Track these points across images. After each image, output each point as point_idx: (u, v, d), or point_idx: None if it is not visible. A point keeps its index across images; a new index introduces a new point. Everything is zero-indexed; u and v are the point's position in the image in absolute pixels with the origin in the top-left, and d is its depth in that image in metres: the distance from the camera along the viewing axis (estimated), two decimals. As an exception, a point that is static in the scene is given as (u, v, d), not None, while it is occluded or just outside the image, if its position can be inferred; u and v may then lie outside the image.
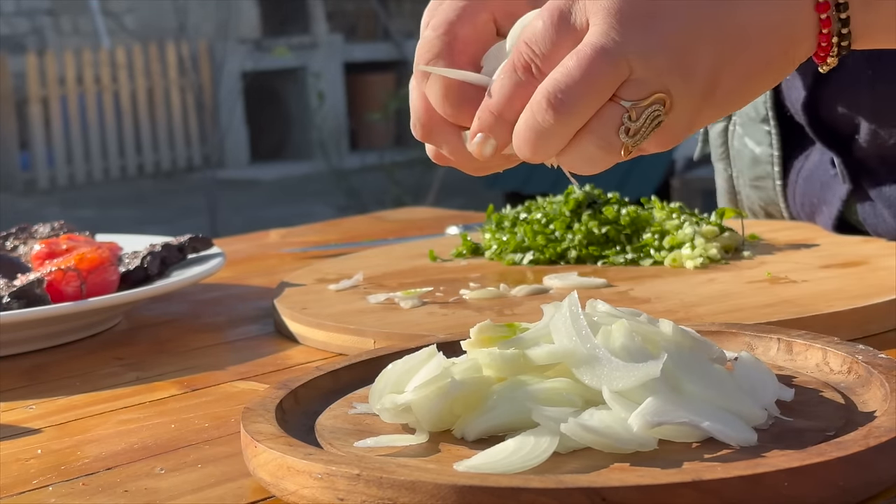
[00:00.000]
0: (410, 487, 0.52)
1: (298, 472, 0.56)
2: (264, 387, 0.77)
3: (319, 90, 9.40)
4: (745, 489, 0.51)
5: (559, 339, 0.60)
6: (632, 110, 0.61)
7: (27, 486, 0.63)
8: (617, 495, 0.50)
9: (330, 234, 1.41)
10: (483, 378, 0.61)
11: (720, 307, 0.86)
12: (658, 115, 0.61)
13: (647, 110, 0.61)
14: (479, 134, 0.64)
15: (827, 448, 0.53)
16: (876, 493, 0.54)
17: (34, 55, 9.18)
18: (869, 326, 0.82)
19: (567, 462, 0.56)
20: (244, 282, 1.14)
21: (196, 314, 1.03)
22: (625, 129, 0.61)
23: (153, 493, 0.61)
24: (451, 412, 0.60)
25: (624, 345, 0.59)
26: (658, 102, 0.61)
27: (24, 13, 9.67)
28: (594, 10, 0.61)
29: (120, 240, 1.07)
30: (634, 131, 0.61)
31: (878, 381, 0.63)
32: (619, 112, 0.61)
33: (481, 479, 0.52)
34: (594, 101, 0.61)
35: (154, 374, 0.84)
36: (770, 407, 0.60)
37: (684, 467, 0.53)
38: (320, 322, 0.88)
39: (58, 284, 0.93)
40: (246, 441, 0.60)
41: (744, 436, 0.56)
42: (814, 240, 1.06)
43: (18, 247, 1.08)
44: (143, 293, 0.94)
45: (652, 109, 0.61)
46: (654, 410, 0.56)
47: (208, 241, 1.06)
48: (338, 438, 0.61)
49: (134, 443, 0.69)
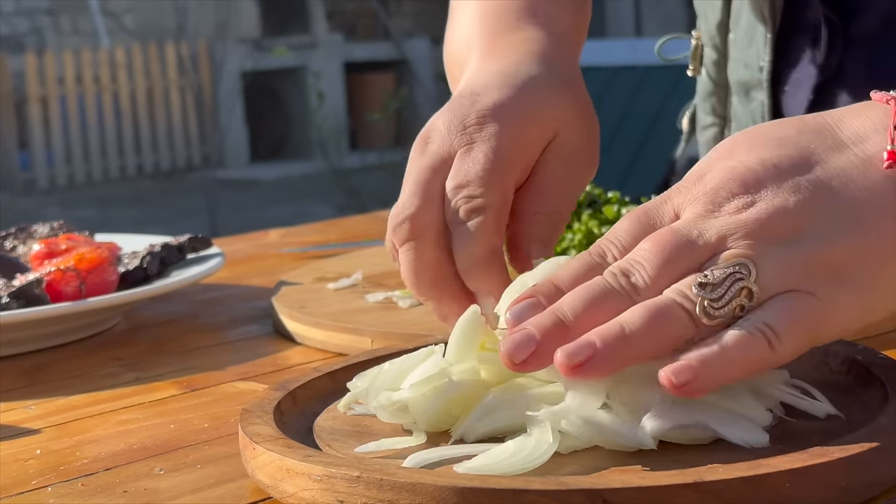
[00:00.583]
0: (411, 489, 0.52)
1: (298, 473, 0.55)
2: (264, 387, 0.77)
3: (319, 90, 9.41)
4: (747, 490, 0.51)
5: None
6: (712, 270, 0.56)
7: (26, 486, 0.63)
8: (618, 496, 0.50)
9: (330, 233, 1.41)
10: (481, 381, 0.61)
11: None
12: (743, 280, 0.56)
13: (729, 273, 0.56)
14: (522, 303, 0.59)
15: (828, 449, 0.53)
16: (878, 493, 0.54)
17: (33, 55, 9.18)
18: (868, 327, 0.82)
19: (568, 463, 0.56)
20: (244, 282, 1.14)
21: (195, 314, 1.03)
22: (699, 284, 0.56)
23: (152, 493, 0.61)
24: (448, 413, 0.60)
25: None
26: (741, 266, 0.56)
27: (23, 13, 9.67)
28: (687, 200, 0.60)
29: (119, 240, 1.07)
30: (711, 287, 0.56)
31: (878, 381, 0.63)
32: (695, 273, 0.57)
33: (482, 480, 0.52)
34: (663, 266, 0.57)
35: (153, 375, 0.84)
36: (775, 408, 0.59)
37: (685, 468, 0.53)
38: (318, 321, 0.88)
39: (57, 284, 0.92)
40: (244, 443, 0.60)
41: (755, 437, 0.56)
42: (814, 240, 1.06)
43: (17, 247, 1.08)
44: (142, 293, 0.94)
45: (735, 271, 0.56)
46: (664, 414, 0.56)
47: (208, 241, 1.06)
48: (336, 440, 0.61)
49: (133, 443, 0.69)
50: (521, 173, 0.73)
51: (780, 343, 0.55)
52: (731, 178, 0.59)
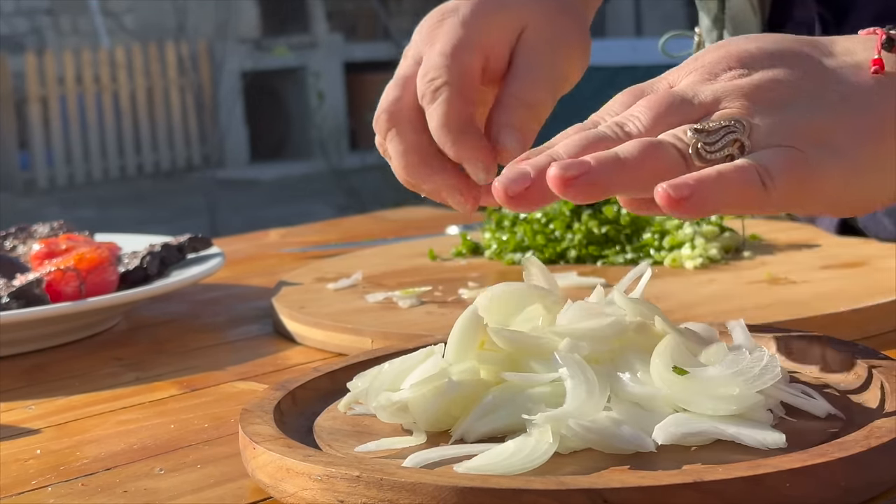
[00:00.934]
0: (411, 489, 0.52)
1: (298, 473, 0.55)
2: (264, 387, 0.77)
3: (319, 90, 9.40)
4: (747, 490, 0.51)
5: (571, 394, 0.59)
6: (705, 121, 0.59)
7: (26, 486, 0.63)
8: (618, 496, 0.50)
9: (330, 233, 1.41)
10: (480, 381, 0.61)
11: (720, 307, 0.85)
12: (737, 133, 0.59)
13: (725, 125, 0.59)
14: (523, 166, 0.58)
15: (828, 449, 0.53)
16: (877, 493, 0.54)
17: (33, 55, 9.17)
18: (869, 327, 0.82)
19: (568, 463, 0.56)
20: (244, 282, 1.14)
21: (195, 314, 1.03)
22: (694, 130, 0.58)
23: (152, 493, 0.61)
24: (448, 413, 0.60)
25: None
26: (736, 122, 0.59)
27: (23, 13, 9.67)
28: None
29: (119, 240, 1.07)
30: (706, 133, 0.58)
31: (877, 381, 0.63)
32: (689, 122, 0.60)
33: (482, 480, 0.52)
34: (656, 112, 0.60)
35: (153, 375, 0.84)
36: (775, 407, 0.59)
37: (685, 468, 0.53)
38: (318, 321, 0.88)
39: (57, 284, 0.92)
40: (244, 443, 0.60)
41: (771, 438, 0.56)
42: (814, 240, 1.06)
43: (17, 247, 1.08)
44: (142, 293, 0.94)
45: (731, 124, 0.59)
46: (676, 422, 0.56)
47: (208, 241, 1.06)
48: (336, 440, 0.61)
49: (133, 443, 0.69)
50: (484, 57, 0.77)
51: (773, 184, 0.57)
52: (727, 54, 0.62)
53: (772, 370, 0.58)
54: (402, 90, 0.77)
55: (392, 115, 0.76)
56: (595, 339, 0.61)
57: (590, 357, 0.60)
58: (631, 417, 0.58)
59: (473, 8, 0.78)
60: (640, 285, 0.68)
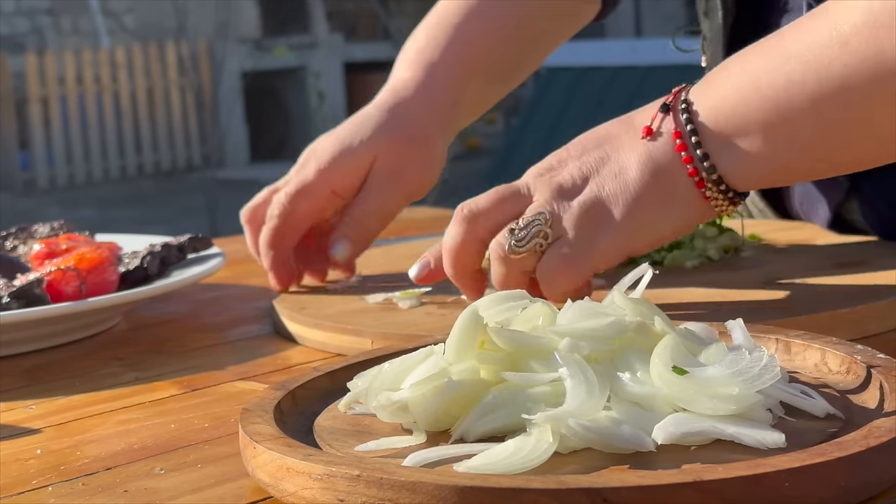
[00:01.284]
0: (411, 488, 0.52)
1: (298, 473, 0.56)
2: (264, 387, 0.77)
3: (319, 90, 9.41)
4: (746, 489, 0.51)
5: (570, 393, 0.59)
6: (519, 220, 0.81)
7: (27, 486, 0.63)
8: (618, 496, 0.50)
9: (330, 234, 1.40)
10: (480, 380, 0.61)
11: (719, 308, 0.85)
12: (540, 225, 0.80)
13: (530, 221, 0.80)
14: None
15: (828, 448, 0.53)
16: (877, 493, 0.54)
17: (34, 55, 9.18)
18: (868, 327, 0.82)
19: (567, 462, 0.56)
20: (244, 282, 1.14)
21: (196, 314, 1.03)
22: (509, 230, 0.80)
23: (153, 493, 0.61)
24: (448, 412, 0.60)
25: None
26: (539, 216, 0.80)
27: (23, 13, 9.67)
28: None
29: (120, 240, 1.07)
30: (518, 230, 0.80)
31: (877, 381, 0.63)
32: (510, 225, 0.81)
33: (482, 479, 0.52)
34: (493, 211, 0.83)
35: (154, 374, 0.84)
36: (775, 407, 0.60)
37: (685, 468, 0.53)
38: (318, 322, 0.88)
39: (57, 284, 0.92)
40: (245, 442, 0.60)
41: (771, 438, 0.56)
42: (813, 240, 1.06)
43: (18, 247, 1.08)
44: (142, 293, 0.94)
45: (534, 220, 0.80)
46: (675, 422, 0.57)
47: (208, 241, 1.06)
48: (336, 439, 0.61)
49: (134, 443, 0.69)
50: (329, 193, 1.01)
51: (551, 286, 0.81)
52: (554, 156, 0.83)
53: (771, 370, 0.58)
54: (264, 201, 1.04)
55: (249, 215, 1.04)
56: (595, 339, 0.61)
57: (590, 357, 0.60)
58: (631, 417, 0.58)
59: (329, 156, 1.01)
60: (641, 286, 0.68)
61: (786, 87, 0.75)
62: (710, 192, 0.79)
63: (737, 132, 0.77)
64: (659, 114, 0.80)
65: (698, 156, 0.78)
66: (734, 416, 0.57)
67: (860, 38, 0.73)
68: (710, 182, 0.78)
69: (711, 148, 0.78)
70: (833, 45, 0.74)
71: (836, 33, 0.74)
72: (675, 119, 0.79)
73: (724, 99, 0.78)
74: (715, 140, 0.78)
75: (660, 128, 0.79)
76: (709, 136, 0.78)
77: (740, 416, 0.57)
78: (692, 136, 0.78)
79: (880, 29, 0.72)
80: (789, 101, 0.75)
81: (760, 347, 0.62)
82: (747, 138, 0.77)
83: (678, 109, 0.79)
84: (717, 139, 0.78)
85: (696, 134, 0.78)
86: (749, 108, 0.77)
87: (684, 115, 0.79)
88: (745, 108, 0.77)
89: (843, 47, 0.73)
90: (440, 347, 0.63)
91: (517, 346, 0.62)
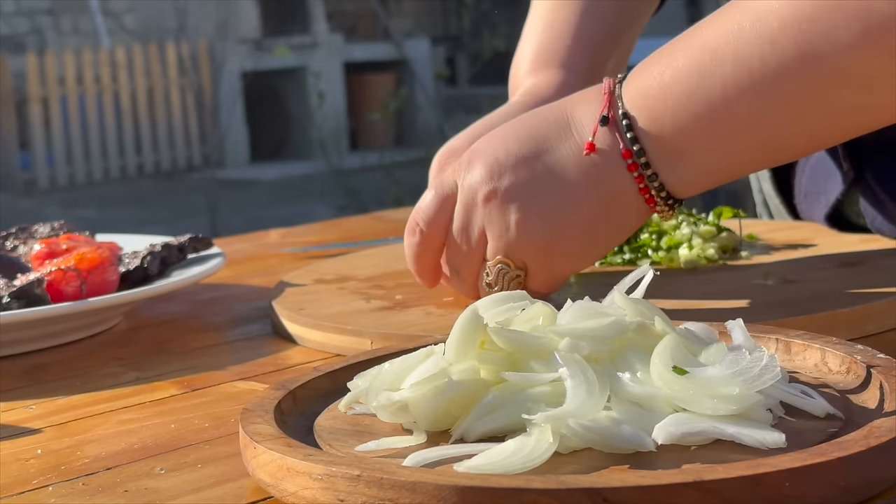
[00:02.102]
0: (411, 488, 0.52)
1: (298, 472, 0.56)
2: (264, 387, 0.77)
3: (319, 90, 9.40)
4: (747, 489, 0.51)
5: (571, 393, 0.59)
6: (488, 274, 0.84)
7: (27, 486, 0.63)
8: (618, 496, 0.50)
9: (330, 234, 1.41)
10: (480, 380, 0.61)
11: (718, 308, 0.85)
12: (508, 272, 0.83)
13: (499, 273, 0.83)
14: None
15: (828, 448, 0.53)
16: (877, 492, 0.54)
17: (34, 55, 9.17)
18: (867, 326, 0.82)
19: (568, 462, 0.56)
20: (244, 282, 1.14)
21: (196, 314, 1.03)
22: (487, 284, 0.84)
23: (153, 493, 0.61)
24: (448, 412, 0.60)
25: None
26: (503, 267, 0.83)
27: (23, 13, 9.66)
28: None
29: (120, 240, 1.07)
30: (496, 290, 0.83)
31: (877, 381, 0.63)
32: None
33: (482, 479, 0.52)
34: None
35: (154, 374, 0.84)
36: (775, 407, 0.60)
37: (685, 468, 0.53)
38: (318, 323, 0.88)
39: (58, 284, 0.92)
40: (245, 442, 0.60)
41: (771, 437, 0.56)
42: (812, 240, 1.07)
43: (18, 247, 1.08)
44: (143, 293, 0.94)
45: (501, 270, 0.83)
46: (675, 421, 0.57)
47: (208, 241, 1.06)
48: (337, 439, 0.61)
49: (134, 443, 0.69)
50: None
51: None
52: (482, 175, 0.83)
53: (771, 370, 0.58)
54: (442, 209, 0.89)
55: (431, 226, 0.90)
56: (595, 339, 0.61)
57: (590, 357, 0.60)
58: (631, 417, 0.58)
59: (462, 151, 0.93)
60: (642, 286, 0.68)
61: (722, 94, 0.77)
62: (659, 206, 0.83)
63: (681, 148, 0.80)
64: (599, 127, 0.81)
65: (648, 175, 0.81)
66: (734, 416, 0.57)
67: (788, 34, 0.74)
68: (658, 197, 0.82)
69: (659, 166, 0.80)
70: (763, 44, 0.75)
71: (765, 31, 0.75)
72: (620, 136, 0.80)
73: (665, 110, 0.79)
74: (661, 157, 0.80)
75: (604, 145, 0.81)
76: (655, 154, 0.80)
77: (740, 416, 0.57)
78: (640, 156, 0.80)
79: (807, 22, 0.73)
80: (727, 108, 0.77)
81: (760, 347, 0.62)
82: (690, 151, 0.80)
83: (620, 125, 0.80)
84: (663, 156, 0.80)
85: (644, 154, 0.80)
86: (689, 119, 0.78)
87: (629, 134, 0.80)
88: (684, 121, 0.79)
89: (773, 46, 0.74)
90: (440, 347, 0.63)
91: (517, 346, 0.62)
